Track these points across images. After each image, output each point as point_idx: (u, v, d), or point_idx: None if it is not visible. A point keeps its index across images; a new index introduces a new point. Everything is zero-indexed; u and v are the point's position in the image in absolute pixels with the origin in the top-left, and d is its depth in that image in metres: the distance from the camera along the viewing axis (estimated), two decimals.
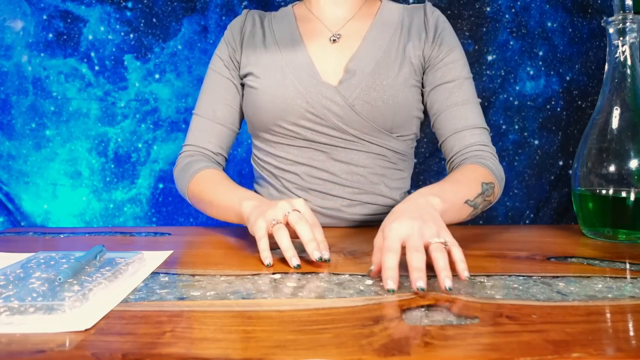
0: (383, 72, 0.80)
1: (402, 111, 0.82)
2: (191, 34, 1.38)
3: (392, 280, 0.46)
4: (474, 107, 0.83)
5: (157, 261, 0.60)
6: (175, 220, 1.40)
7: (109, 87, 1.36)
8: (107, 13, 1.35)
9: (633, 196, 0.70)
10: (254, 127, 0.87)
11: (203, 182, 0.80)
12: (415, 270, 0.46)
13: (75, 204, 1.37)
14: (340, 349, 0.35)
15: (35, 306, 0.41)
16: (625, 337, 0.37)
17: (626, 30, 0.72)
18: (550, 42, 1.37)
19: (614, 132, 0.72)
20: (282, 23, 0.89)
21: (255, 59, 0.86)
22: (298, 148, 0.84)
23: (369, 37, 0.84)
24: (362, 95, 0.80)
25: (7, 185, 1.36)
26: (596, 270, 0.55)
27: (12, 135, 1.35)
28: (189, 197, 0.84)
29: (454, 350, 0.35)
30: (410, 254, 0.48)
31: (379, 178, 0.85)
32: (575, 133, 1.39)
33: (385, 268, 0.47)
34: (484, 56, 1.37)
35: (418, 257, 0.47)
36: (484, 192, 0.71)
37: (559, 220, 1.41)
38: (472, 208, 0.69)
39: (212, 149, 0.88)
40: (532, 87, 1.38)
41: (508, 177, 1.41)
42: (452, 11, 1.35)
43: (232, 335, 0.38)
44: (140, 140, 1.38)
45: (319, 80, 0.81)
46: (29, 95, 1.34)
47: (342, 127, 0.81)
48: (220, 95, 0.88)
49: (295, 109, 0.81)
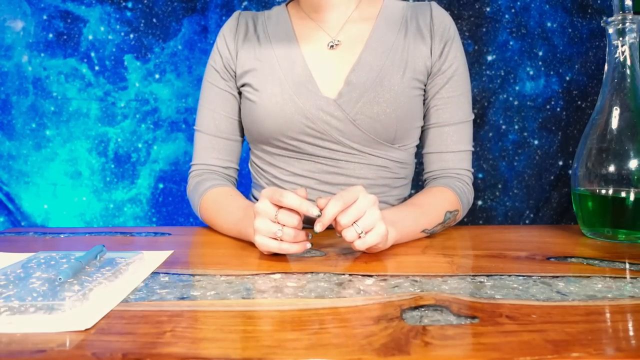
0: (385, 84, 0.78)
1: (405, 124, 0.80)
2: (191, 34, 1.38)
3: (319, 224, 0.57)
4: (465, 127, 0.84)
5: (157, 261, 0.60)
6: (175, 220, 1.40)
7: (109, 87, 1.36)
8: (107, 13, 1.35)
9: (633, 196, 0.70)
10: (253, 138, 0.85)
11: (210, 206, 0.80)
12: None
13: (76, 204, 1.37)
14: (340, 349, 0.35)
15: (36, 306, 0.41)
16: (625, 337, 0.37)
17: (626, 31, 0.72)
18: (550, 42, 1.37)
19: (613, 132, 0.72)
20: (277, 26, 0.85)
21: (251, 67, 0.83)
22: (298, 160, 0.82)
23: (370, 43, 0.80)
24: (363, 110, 0.78)
25: (7, 185, 1.36)
26: (596, 270, 0.56)
27: (12, 135, 1.35)
28: (203, 220, 0.84)
29: (454, 350, 0.35)
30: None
31: (381, 189, 0.84)
32: (575, 133, 1.39)
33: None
34: (483, 56, 1.37)
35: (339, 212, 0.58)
36: (444, 221, 0.76)
37: (559, 220, 1.41)
38: (426, 234, 0.74)
39: (220, 164, 0.87)
40: (531, 87, 1.38)
41: (508, 177, 1.41)
42: (452, 11, 1.35)
43: (232, 335, 0.38)
44: (140, 140, 1.38)
45: (318, 94, 0.78)
46: (29, 95, 1.34)
47: (343, 141, 0.79)
48: (219, 108, 0.86)
49: (295, 125, 0.79)
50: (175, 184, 1.39)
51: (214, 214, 0.79)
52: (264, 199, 0.60)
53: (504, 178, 1.40)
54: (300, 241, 0.60)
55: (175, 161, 1.39)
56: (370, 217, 0.58)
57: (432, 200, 0.77)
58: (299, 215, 0.59)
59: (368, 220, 0.58)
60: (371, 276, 0.54)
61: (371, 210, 0.58)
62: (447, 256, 0.63)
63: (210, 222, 0.81)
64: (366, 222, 0.58)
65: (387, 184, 0.85)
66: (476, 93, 1.37)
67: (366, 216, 0.58)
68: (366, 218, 0.58)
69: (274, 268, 0.57)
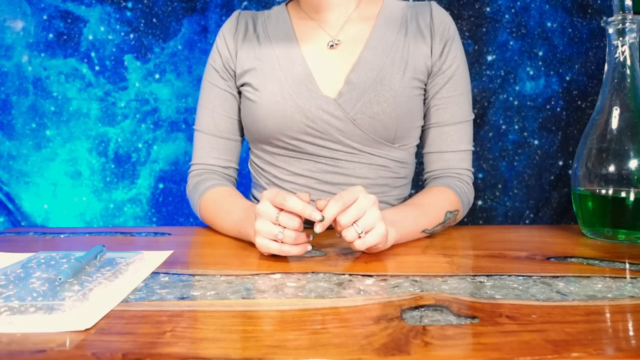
0: (386, 83, 0.78)
1: (405, 123, 0.80)
2: (191, 34, 1.38)
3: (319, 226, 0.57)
4: (465, 127, 0.84)
5: (157, 261, 0.60)
6: (175, 220, 1.40)
7: (109, 87, 1.36)
8: (107, 13, 1.35)
9: (633, 196, 0.70)
10: (253, 137, 0.85)
11: (210, 206, 0.80)
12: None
13: (76, 204, 1.37)
14: (340, 349, 0.35)
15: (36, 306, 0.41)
16: (625, 337, 0.37)
17: (626, 31, 0.72)
18: (550, 42, 1.37)
19: (613, 132, 0.72)
20: (277, 26, 0.85)
21: (251, 67, 0.83)
22: (298, 160, 0.82)
23: (371, 42, 0.80)
24: (363, 109, 0.78)
25: (7, 185, 1.36)
26: (596, 270, 0.56)
27: (13, 135, 1.35)
28: (202, 220, 0.84)
29: (454, 350, 0.35)
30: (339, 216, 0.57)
31: (381, 188, 0.84)
32: (575, 133, 1.39)
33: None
34: (483, 56, 1.37)
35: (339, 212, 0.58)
36: (445, 221, 0.76)
37: (559, 220, 1.41)
38: (426, 234, 0.74)
39: (219, 164, 0.87)
40: (531, 87, 1.38)
41: (508, 177, 1.41)
42: (452, 11, 1.35)
43: (232, 335, 0.38)
44: (140, 140, 1.38)
45: (318, 94, 0.79)
46: (29, 95, 1.34)
47: (343, 140, 0.79)
48: (219, 108, 0.86)
49: (295, 124, 0.79)
50: (175, 184, 1.40)
51: (214, 214, 0.79)
52: (265, 201, 0.59)
53: (504, 178, 1.40)
54: (301, 243, 0.60)
55: (175, 161, 1.39)
56: (370, 217, 0.58)
57: (432, 200, 0.77)
58: (300, 217, 0.59)
59: (368, 220, 0.58)
60: (371, 276, 0.54)
61: (371, 210, 0.58)
62: (447, 256, 0.63)
63: (210, 222, 0.81)
64: (366, 222, 0.58)
65: (387, 183, 0.85)
66: (476, 93, 1.37)
67: (366, 216, 0.58)
68: (366, 218, 0.58)
69: (274, 268, 0.57)
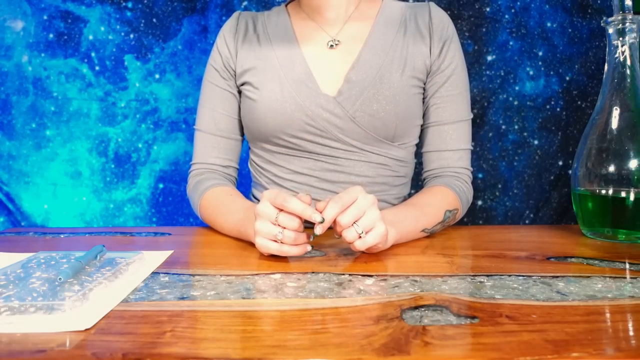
0: (385, 81, 0.78)
1: (405, 121, 0.81)
2: (191, 34, 1.38)
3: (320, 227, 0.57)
4: (464, 126, 0.84)
5: (157, 261, 0.60)
6: (175, 220, 1.40)
7: (109, 87, 1.36)
8: (108, 13, 1.35)
9: (633, 196, 0.70)
10: (253, 136, 0.85)
11: (210, 206, 0.80)
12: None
13: (76, 204, 1.37)
14: (340, 349, 0.35)
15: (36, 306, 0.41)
16: (625, 337, 0.37)
17: (626, 31, 0.72)
18: (550, 42, 1.37)
19: (613, 132, 0.72)
20: (277, 26, 0.86)
21: (251, 66, 0.83)
22: (298, 158, 0.83)
23: (370, 42, 0.81)
24: (363, 107, 0.78)
25: (7, 185, 1.36)
26: (596, 270, 0.56)
27: (13, 135, 1.35)
28: (203, 220, 0.84)
29: (454, 350, 0.35)
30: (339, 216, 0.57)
31: (380, 187, 0.84)
32: (575, 133, 1.39)
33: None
34: (483, 56, 1.37)
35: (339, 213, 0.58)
36: (444, 220, 0.76)
37: (559, 220, 1.41)
38: (426, 234, 0.74)
39: (220, 163, 0.87)
40: (531, 87, 1.38)
41: (508, 177, 1.41)
42: (452, 11, 1.35)
43: (232, 335, 0.38)
44: (140, 140, 1.38)
45: (318, 92, 0.79)
46: (29, 95, 1.34)
47: (343, 139, 0.80)
48: (219, 107, 0.86)
49: (295, 122, 0.79)
50: (175, 184, 1.40)
51: (214, 213, 0.79)
52: (265, 201, 0.59)
53: (503, 178, 1.40)
54: (300, 244, 0.60)
55: (175, 161, 1.40)
56: (370, 217, 0.58)
57: (431, 200, 0.77)
58: (299, 218, 0.59)
59: (368, 220, 0.58)
60: (371, 276, 0.54)
61: (371, 210, 0.58)
62: (447, 256, 0.63)
63: (210, 222, 0.81)
64: (366, 222, 0.58)
65: (387, 182, 0.85)
66: (476, 93, 1.37)
67: (366, 216, 0.58)
68: (366, 218, 0.58)
69: (274, 268, 0.57)
